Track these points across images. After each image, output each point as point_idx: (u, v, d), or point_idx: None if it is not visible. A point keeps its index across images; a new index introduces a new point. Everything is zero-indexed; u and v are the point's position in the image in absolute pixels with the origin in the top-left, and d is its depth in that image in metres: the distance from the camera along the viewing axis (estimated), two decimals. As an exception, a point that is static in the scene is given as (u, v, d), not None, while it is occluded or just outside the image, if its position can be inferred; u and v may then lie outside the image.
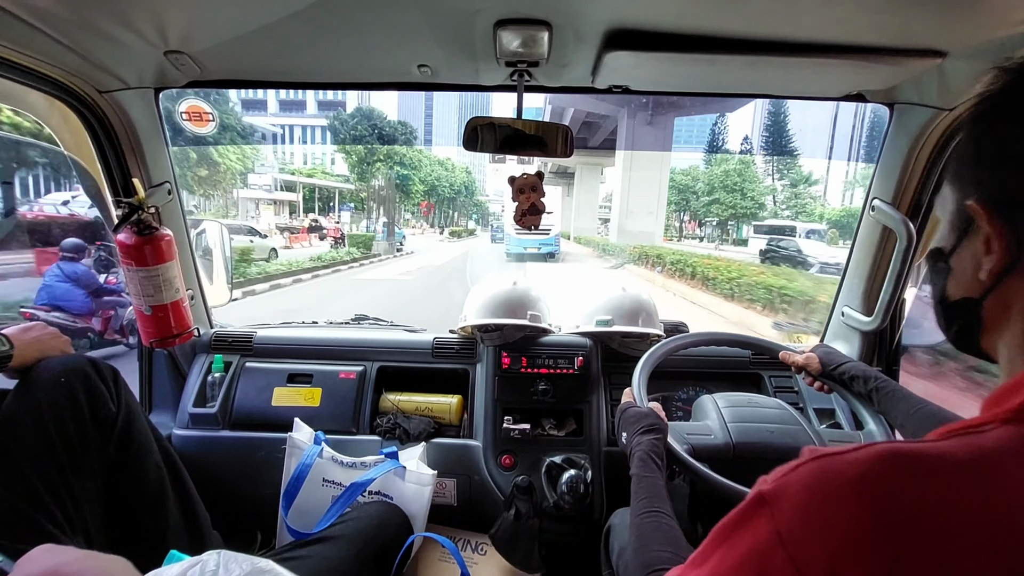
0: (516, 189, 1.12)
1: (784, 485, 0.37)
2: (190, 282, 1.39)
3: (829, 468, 0.36)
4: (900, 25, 0.78)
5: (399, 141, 33.78)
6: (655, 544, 0.68)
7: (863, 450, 0.36)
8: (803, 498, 0.35)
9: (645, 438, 0.86)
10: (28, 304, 3.81)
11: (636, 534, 0.72)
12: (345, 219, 28.71)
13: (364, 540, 0.99)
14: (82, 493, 0.86)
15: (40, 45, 0.88)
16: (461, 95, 28.96)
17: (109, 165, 1.19)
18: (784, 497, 0.36)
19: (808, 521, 0.34)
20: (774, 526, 0.36)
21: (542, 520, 1.20)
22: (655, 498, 0.75)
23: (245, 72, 1.09)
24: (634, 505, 0.76)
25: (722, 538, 0.40)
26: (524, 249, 15.19)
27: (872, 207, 1.21)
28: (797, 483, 0.36)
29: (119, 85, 1.08)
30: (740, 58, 0.88)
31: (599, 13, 0.80)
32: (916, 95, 1.04)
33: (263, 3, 0.79)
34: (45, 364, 0.90)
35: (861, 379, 0.99)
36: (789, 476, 0.37)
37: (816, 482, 0.36)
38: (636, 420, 0.91)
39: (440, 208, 41.68)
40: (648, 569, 0.64)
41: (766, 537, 0.36)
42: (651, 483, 0.78)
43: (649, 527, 0.71)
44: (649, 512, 0.73)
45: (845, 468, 0.35)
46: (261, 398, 1.36)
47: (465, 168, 41.97)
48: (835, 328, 1.41)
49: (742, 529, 0.38)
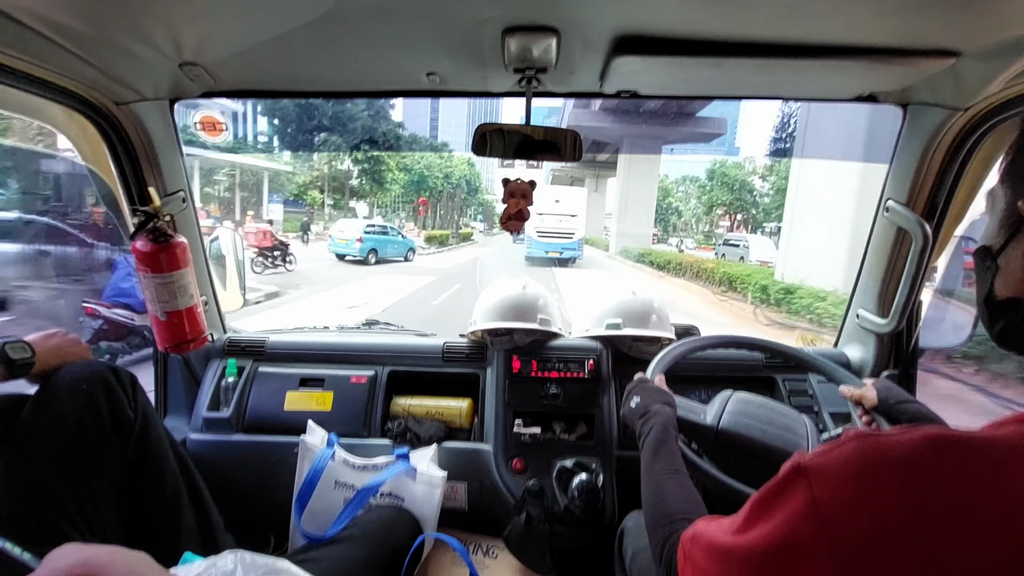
0: (507, 192, 1.12)
1: (825, 459, 0.37)
2: (204, 288, 1.41)
3: (875, 446, 0.36)
4: (912, 26, 0.77)
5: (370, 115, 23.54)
6: (675, 498, 0.67)
7: (911, 431, 0.35)
8: (844, 471, 0.35)
9: (667, 409, 0.85)
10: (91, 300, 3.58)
11: (654, 488, 0.70)
12: (278, 216, 19.20)
13: (376, 543, 1.00)
14: (101, 496, 0.88)
15: (60, 59, 0.91)
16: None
17: (125, 174, 1.21)
18: (823, 469, 0.36)
19: (846, 494, 0.34)
20: (810, 495, 0.35)
21: (553, 524, 1.20)
22: (675, 460, 0.74)
23: (258, 82, 1.11)
24: (653, 464, 0.74)
25: (760, 509, 0.40)
26: (545, 253, 14.88)
27: (886, 208, 1.19)
28: (839, 457, 0.36)
29: (135, 97, 1.10)
30: (750, 61, 0.88)
31: (607, 19, 0.80)
32: (930, 95, 1.02)
33: (275, 16, 0.81)
34: (66, 370, 0.92)
35: (923, 421, 0.91)
36: (831, 453, 0.37)
37: (859, 458, 0.35)
38: (656, 391, 0.91)
39: (435, 205, 32.81)
40: (669, 519, 0.63)
41: (801, 507, 0.36)
42: (671, 447, 0.77)
43: (669, 483, 0.69)
44: (669, 471, 0.72)
45: (892, 447, 0.35)
46: (274, 402, 1.37)
47: (466, 160, 33.27)
48: (850, 330, 1.39)
49: (779, 500, 0.39)
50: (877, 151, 7.28)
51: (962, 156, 1.07)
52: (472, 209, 42.28)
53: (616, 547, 0.99)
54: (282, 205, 22.12)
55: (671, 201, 41.54)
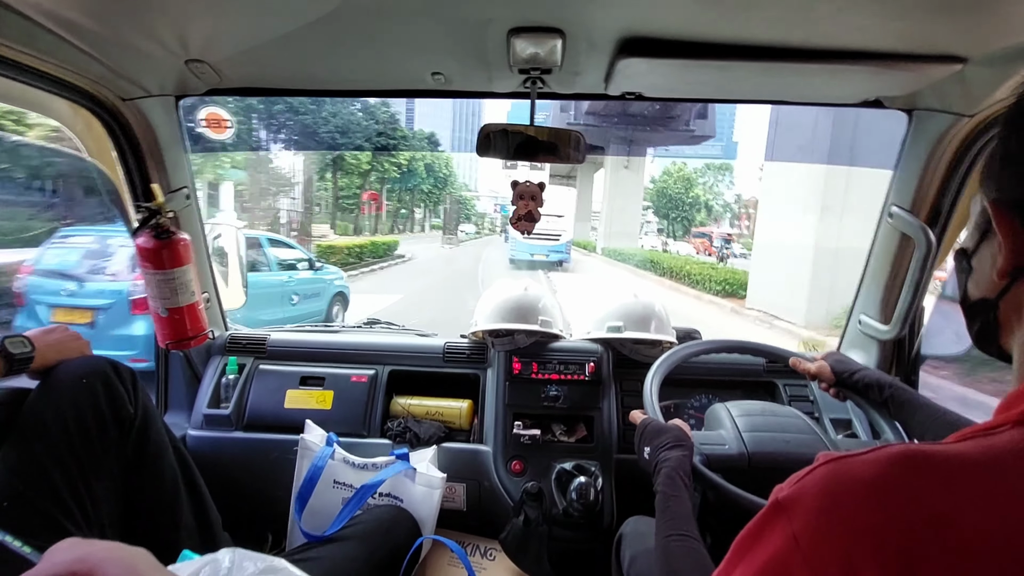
0: (517, 195, 1.15)
1: (799, 490, 0.37)
2: (206, 285, 1.41)
3: (843, 470, 0.36)
4: (919, 31, 0.77)
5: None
6: (685, 571, 0.66)
7: (876, 452, 0.36)
8: (817, 501, 0.35)
9: (673, 454, 0.82)
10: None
11: (665, 558, 0.70)
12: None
13: (375, 543, 1.00)
14: (100, 492, 0.88)
15: (67, 55, 0.91)
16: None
17: (130, 170, 1.21)
18: (799, 501, 0.36)
19: (822, 524, 0.34)
20: (790, 531, 0.35)
21: (552, 527, 1.19)
22: (682, 519, 0.73)
23: (263, 80, 1.11)
24: (660, 525, 0.73)
25: (743, 551, 0.40)
26: (531, 256, 14.43)
27: (890, 214, 1.19)
28: (811, 487, 0.36)
29: (141, 93, 1.11)
30: (755, 64, 0.87)
31: (612, 21, 0.80)
32: (936, 101, 1.02)
33: (281, 14, 0.81)
34: (66, 366, 0.92)
35: (876, 387, 0.96)
36: (804, 481, 0.37)
37: (830, 485, 0.36)
38: (660, 433, 0.87)
39: (394, 199, 23.91)
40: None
41: (783, 543, 0.36)
42: (679, 503, 0.75)
43: (678, 551, 0.69)
44: (678, 535, 0.71)
45: (859, 470, 0.35)
46: (274, 400, 1.37)
47: (447, 159, 26.10)
48: (852, 336, 1.38)
49: (761, 539, 0.38)
50: (841, 154, 7.48)
51: (967, 163, 1.07)
52: (440, 208, 31.07)
53: (614, 551, 0.99)
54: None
55: (697, 193, 40.21)
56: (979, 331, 0.48)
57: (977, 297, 0.47)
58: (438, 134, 38.78)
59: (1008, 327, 0.45)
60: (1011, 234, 0.41)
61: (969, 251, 0.48)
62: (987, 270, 0.45)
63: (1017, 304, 0.43)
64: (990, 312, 0.46)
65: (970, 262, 0.48)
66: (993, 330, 0.46)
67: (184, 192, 1.29)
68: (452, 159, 33.25)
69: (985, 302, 0.46)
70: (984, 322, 0.47)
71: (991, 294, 0.45)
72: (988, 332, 0.47)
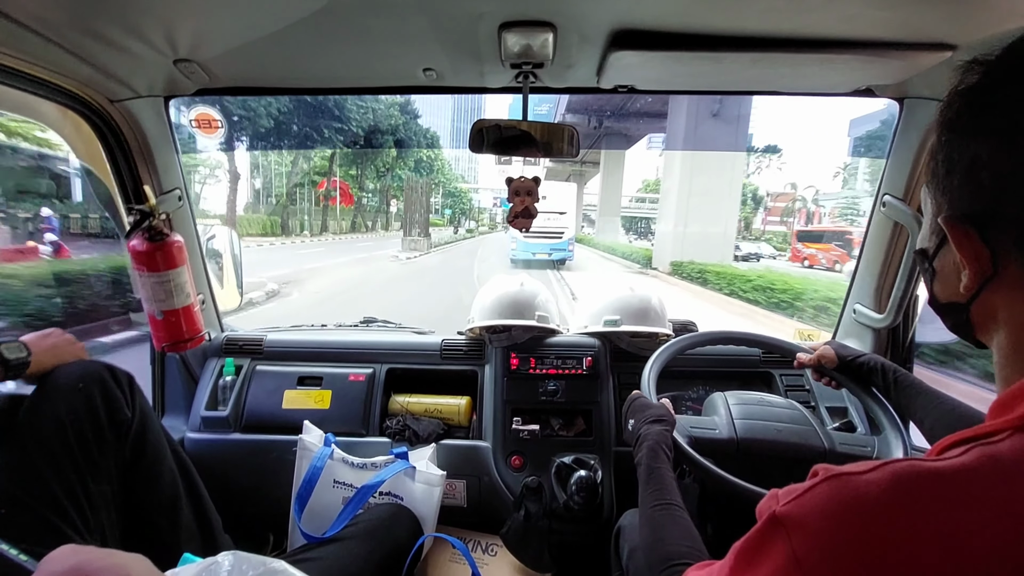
0: (512, 191, 1.13)
1: (799, 507, 0.36)
2: (201, 287, 1.40)
3: (847, 490, 0.35)
4: (908, 19, 0.77)
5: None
6: (672, 537, 0.66)
7: (880, 469, 0.34)
8: (819, 522, 0.34)
9: (655, 427, 0.84)
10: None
11: (650, 527, 0.70)
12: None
13: (376, 542, 1.00)
14: (98, 497, 0.87)
15: (53, 57, 0.90)
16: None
17: (121, 173, 1.20)
18: (799, 520, 0.35)
19: (825, 546, 0.34)
20: (791, 550, 0.35)
21: (552, 521, 1.20)
22: (666, 489, 0.73)
23: (253, 79, 1.10)
24: (644, 495, 0.74)
25: (743, 563, 0.40)
26: (532, 255, 14.07)
27: (883, 203, 1.19)
28: (812, 506, 0.35)
29: (130, 94, 1.10)
30: (746, 55, 0.87)
31: (603, 14, 0.80)
32: (926, 89, 1.02)
33: (270, 11, 0.80)
34: (62, 370, 0.91)
35: (879, 372, 0.95)
36: (803, 498, 0.36)
37: (833, 505, 0.35)
38: (645, 408, 0.90)
39: (369, 193, 19.74)
40: (667, 563, 0.63)
41: (784, 563, 0.35)
42: (661, 473, 0.76)
43: (664, 519, 0.69)
44: (662, 504, 0.71)
45: (863, 489, 0.34)
46: (272, 401, 1.37)
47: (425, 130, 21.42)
48: (847, 325, 1.39)
49: (760, 554, 0.38)
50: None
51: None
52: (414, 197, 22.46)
53: (613, 544, 0.99)
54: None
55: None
56: (953, 328, 0.48)
57: (946, 300, 0.47)
58: (435, 128, 36.12)
59: (984, 327, 0.44)
60: (972, 255, 0.40)
61: (929, 253, 0.47)
62: (952, 279, 0.44)
63: (989, 311, 0.42)
64: (962, 314, 0.45)
65: (932, 263, 0.47)
66: (967, 328, 0.46)
67: (176, 193, 1.28)
68: (439, 136, 27.57)
69: (956, 305, 0.45)
70: (957, 322, 0.46)
71: (961, 300, 0.44)
72: (962, 329, 0.47)
